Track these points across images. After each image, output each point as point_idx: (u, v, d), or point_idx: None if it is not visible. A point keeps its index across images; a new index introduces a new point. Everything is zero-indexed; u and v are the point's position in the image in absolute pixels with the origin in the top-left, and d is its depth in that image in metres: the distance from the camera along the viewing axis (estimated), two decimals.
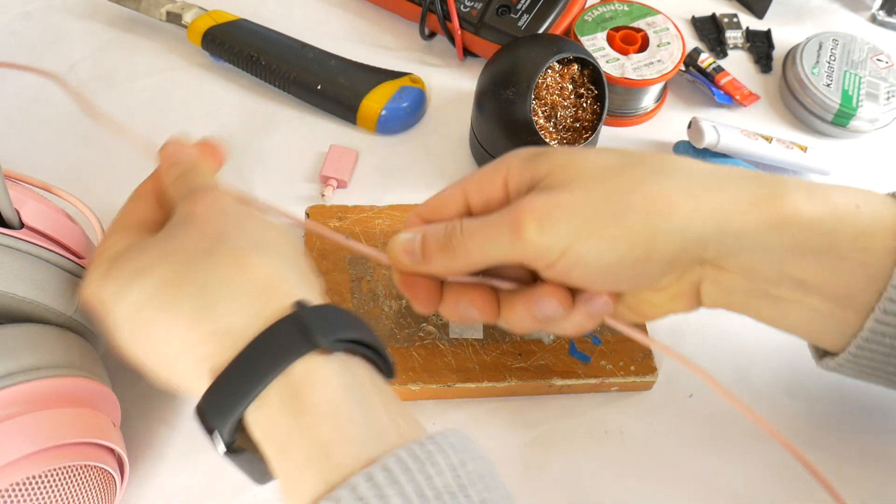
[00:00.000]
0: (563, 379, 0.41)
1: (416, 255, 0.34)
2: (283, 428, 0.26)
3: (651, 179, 0.32)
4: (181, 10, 0.56)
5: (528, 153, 0.34)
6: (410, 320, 0.43)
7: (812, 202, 0.32)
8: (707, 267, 0.33)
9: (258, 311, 0.28)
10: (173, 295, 0.28)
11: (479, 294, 0.35)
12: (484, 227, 0.33)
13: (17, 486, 0.29)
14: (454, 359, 0.41)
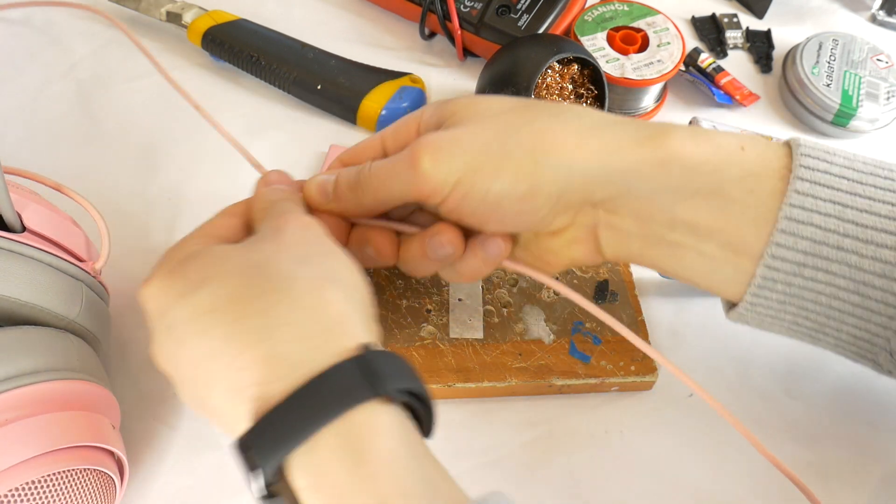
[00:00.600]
0: (563, 379, 0.41)
1: (327, 194, 0.35)
2: (340, 477, 0.25)
3: (541, 119, 0.33)
4: (181, 10, 0.56)
5: (439, 101, 0.36)
6: (411, 320, 0.43)
7: (695, 143, 0.32)
8: (599, 210, 0.33)
9: (321, 346, 0.27)
10: (241, 308, 0.27)
11: (381, 235, 0.36)
12: (387, 163, 0.34)
13: (17, 491, 0.29)
14: (454, 359, 0.41)
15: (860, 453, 0.41)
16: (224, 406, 0.27)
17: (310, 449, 0.25)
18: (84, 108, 0.54)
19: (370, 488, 0.24)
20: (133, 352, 0.43)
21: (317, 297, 0.28)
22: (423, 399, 0.28)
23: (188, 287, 0.28)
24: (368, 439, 0.25)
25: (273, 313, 0.27)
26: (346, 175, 0.35)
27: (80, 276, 0.35)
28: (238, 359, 0.26)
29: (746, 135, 0.33)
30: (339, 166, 0.37)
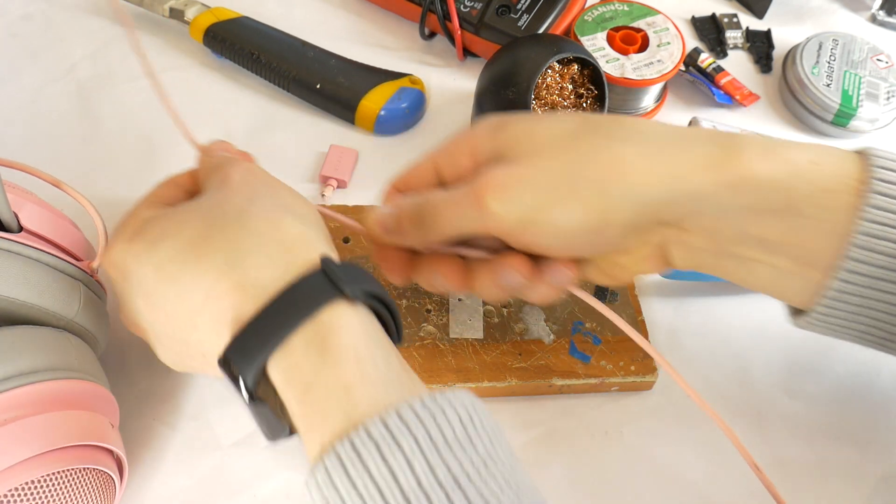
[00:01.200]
0: (563, 379, 0.41)
1: (390, 229, 0.36)
2: (307, 368, 0.27)
3: (605, 146, 0.32)
4: (184, 7, 0.56)
5: (493, 123, 0.35)
6: (411, 320, 0.43)
7: (767, 160, 0.31)
8: (669, 229, 0.33)
9: (287, 266, 0.29)
10: (202, 249, 0.29)
11: (449, 265, 0.36)
12: (450, 201, 0.34)
13: (17, 491, 0.29)
14: (454, 359, 0.41)
15: (860, 453, 0.41)
16: (208, 339, 0.29)
17: (285, 351, 0.28)
18: (84, 107, 0.54)
19: (333, 376, 0.27)
20: (131, 351, 0.43)
21: (273, 224, 0.30)
22: (387, 303, 0.31)
23: (148, 245, 0.30)
24: (332, 334, 0.28)
25: (235, 245, 0.29)
26: (407, 209, 0.35)
27: (78, 276, 0.35)
28: (212, 291, 0.29)
29: (819, 146, 0.33)
30: (393, 193, 0.38)
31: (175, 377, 0.42)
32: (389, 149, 0.52)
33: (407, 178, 0.37)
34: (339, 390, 0.27)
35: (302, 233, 0.31)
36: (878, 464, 0.40)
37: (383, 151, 0.52)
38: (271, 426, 0.30)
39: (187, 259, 0.30)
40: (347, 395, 0.27)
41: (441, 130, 0.54)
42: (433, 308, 0.43)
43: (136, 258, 0.31)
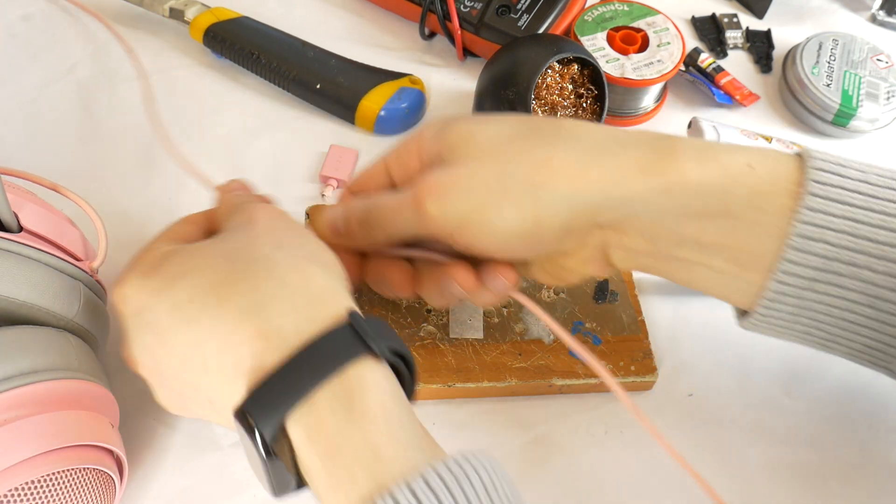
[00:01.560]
0: (563, 379, 0.41)
1: (339, 230, 0.36)
2: (333, 427, 0.26)
3: (539, 148, 0.33)
4: (184, 7, 0.56)
5: (438, 125, 0.35)
6: (411, 320, 0.43)
7: (702, 165, 0.31)
8: (607, 231, 0.33)
9: (312, 317, 0.28)
10: (225, 291, 0.28)
11: (397, 269, 0.36)
12: (392, 206, 0.34)
13: (17, 491, 0.29)
14: (454, 358, 0.41)
15: (860, 453, 0.41)
16: (220, 386, 0.28)
17: (307, 406, 0.26)
18: (84, 108, 0.54)
19: (362, 436, 0.26)
20: None
21: (299, 274, 0.29)
22: (407, 360, 0.30)
23: (165, 282, 0.29)
24: (360, 392, 0.27)
25: (260, 291, 0.28)
26: (355, 211, 0.36)
27: (78, 276, 0.35)
28: (231, 337, 0.28)
29: (756, 149, 0.33)
30: (347, 196, 0.38)
31: None
32: (389, 149, 0.52)
33: (360, 181, 0.38)
34: (367, 452, 0.26)
35: (328, 284, 0.30)
36: (878, 464, 0.40)
37: (383, 151, 0.52)
38: (281, 482, 0.28)
39: (207, 301, 0.28)
40: (376, 457, 0.26)
41: None
42: (433, 308, 0.43)
43: (151, 294, 0.29)
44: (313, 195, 0.50)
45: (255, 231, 0.31)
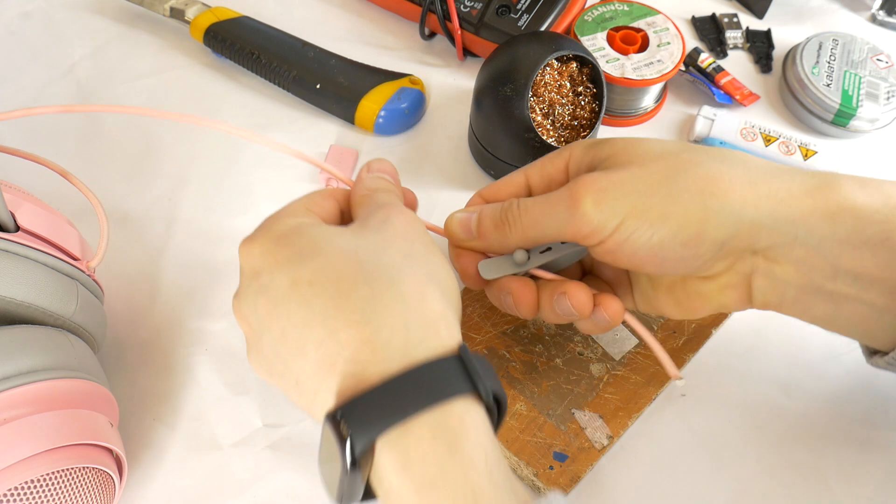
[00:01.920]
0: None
1: (471, 231, 0.36)
2: (433, 461, 0.26)
3: (707, 162, 0.32)
4: (184, 6, 0.56)
5: (590, 141, 0.36)
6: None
7: (865, 193, 0.31)
8: (759, 258, 0.33)
9: (422, 340, 0.28)
10: (345, 288, 0.28)
11: (523, 284, 0.36)
12: (541, 202, 0.34)
13: (17, 490, 0.29)
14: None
15: (860, 453, 0.41)
16: (310, 374, 0.28)
17: (403, 431, 0.26)
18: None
19: (463, 476, 0.26)
20: (131, 351, 0.43)
21: (420, 293, 0.29)
22: (501, 405, 0.29)
23: (293, 256, 0.29)
24: (463, 431, 0.27)
25: (378, 300, 0.28)
26: (490, 212, 0.35)
27: (75, 275, 0.35)
28: (337, 333, 0.28)
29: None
30: (479, 202, 0.38)
31: (175, 377, 0.42)
32: (389, 149, 0.52)
33: (495, 189, 0.38)
34: (468, 493, 0.26)
35: (444, 312, 0.29)
36: (878, 464, 0.40)
37: (383, 151, 0.52)
38: (351, 492, 0.28)
39: (327, 290, 0.28)
40: (475, 500, 0.26)
41: (440, 130, 0.54)
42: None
43: (277, 262, 0.29)
44: None
45: (388, 235, 0.31)
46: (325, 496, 0.39)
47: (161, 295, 0.45)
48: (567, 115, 0.47)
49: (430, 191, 0.50)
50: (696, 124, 0.53)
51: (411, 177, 0.51)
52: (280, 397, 0.41)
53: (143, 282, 0.45)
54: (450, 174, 0.51)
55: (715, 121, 0.53)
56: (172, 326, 0.44)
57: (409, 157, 0.52)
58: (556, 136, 0.47)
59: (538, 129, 0.46)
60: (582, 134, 0.48)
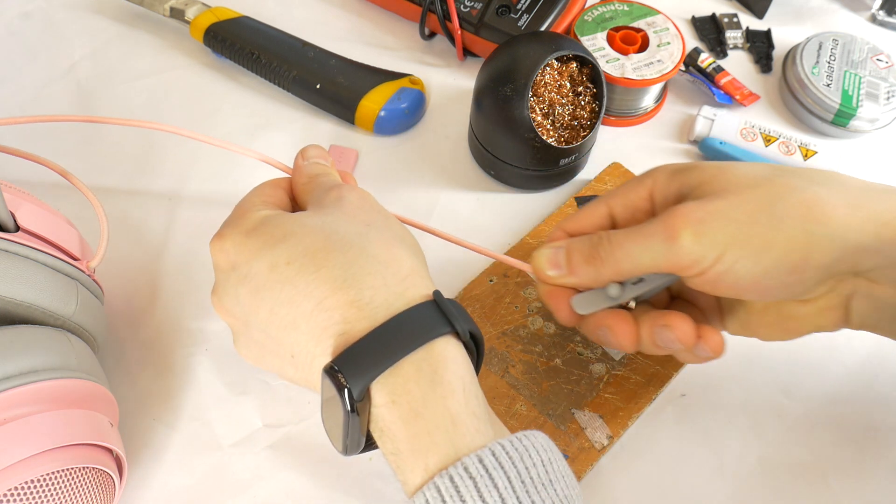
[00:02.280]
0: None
1: (560, 267, 0.36)
2: (417, 394, 0.29)
3: (806, 187, 0.32)
4: (184, 6, 0.56)
5: (674, 167, 0.35)
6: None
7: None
8: (861, 280, 0.32)
9: (401, 294, 0.31)
10: (322, 260, 0.31)
11: (620, 318, 0.35)
12: (634, 235, 0.33)
13: (17, 490, 0.29)
14: None
15: (860, 453, 0.41)
16: (306, 343, 0.31)
17: (393, 372, 0.29)
18: (84, 107, 0.54)
19: (443, 405, 0.29)
20: (131, 351, 0.43)
21: (390, 253, 0.32)
22: (478, 343, 0.32)
23: (266, 243, 0.32)
24: (443, 366, 0.29)
25: (354, 265, 0.31)
26: (579, 247, 0.35)
27: (75, 275, 0.35)
28: (324, 301, 0.30)
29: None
30: (562, 236, 0.37)
31: (175, 377, 0.42)
32: (388, 148, 0.52)
33: (576, 221, 0.37)
34: (447, 420, 0.28)
35: (415, 266, 0.32)
36: (878, 464, 0.40)
37: (382, 151, 0.52)
38: (354, 439, 0.30)
39: (304, 265, 0.31)
40: (454, 426, 0.28)
41: (440, 130, 0.54)
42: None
43: (252, 252, 0.32)
44: None
45: (346, 209, 0.33)
46: (324, 496, 0.39)
47: (161, 295, 0.45)
48: (567, 115, 0.47)
49: (430, 191, 0.50)
50: (696, 124, 0.53)
51: (411, 177, 0.51)
52: (280, 397, 0.41)
53: (143, 282, 0.45)
54: (450, 174, 0.51)
55: (715, 121, 0.53)
56: (172, 326, 0.44)
57: (409, 157, 0.52)
58: (556, 136, 0.47)
59: (538, 129, 0.46)
60: (582, 134, 0.48)
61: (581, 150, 0.48)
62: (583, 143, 0.47)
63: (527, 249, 0.46)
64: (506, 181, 0.50)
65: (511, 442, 0.28)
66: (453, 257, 0.47)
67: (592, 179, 0.51)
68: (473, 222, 0.49)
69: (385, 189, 0.50)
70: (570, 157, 0.48)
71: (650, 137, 0.54)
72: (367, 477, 0.39)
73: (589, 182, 0.50)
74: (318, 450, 0.40)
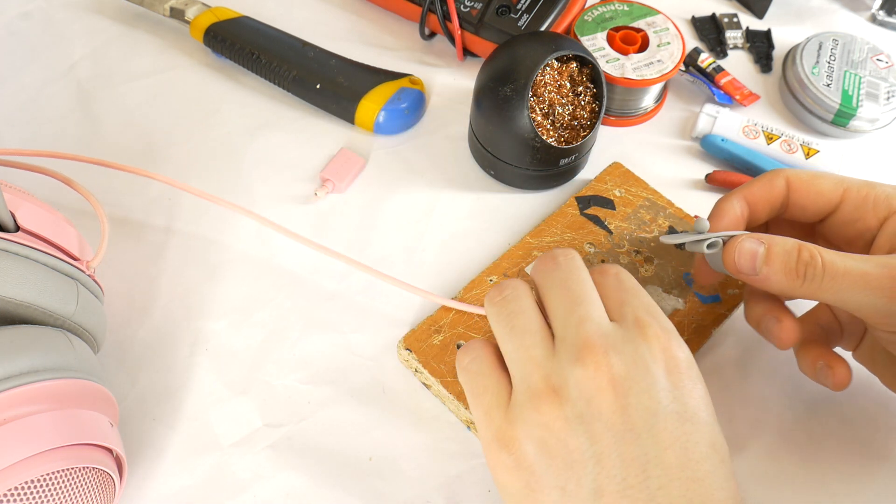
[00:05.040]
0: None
1: (755, 269, 0.33)
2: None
3: None
4: (184, 6, 0.56)
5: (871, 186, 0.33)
6: None
7: None
8: None
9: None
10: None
11: (789, 322, 0.36)
12: (854, 276, 0.30)
13: (16, 490, 0.29)
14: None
15: (860, 453, 0.41)
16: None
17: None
18: (84, 107, 0.54)
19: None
20: (131, 351, 0.43)
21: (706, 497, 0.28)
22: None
23: (578, 422, 0.28)
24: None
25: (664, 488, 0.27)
26: (784, 257, 0.32)
27: (75, 275, 0.35)
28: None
29: None
30: (741, 205, 0.35)
31: (175, 377, 0.42)
32: (389, 149, 0.52)
33: (764, 193, 0.35)
34: None
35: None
36: (878, 464, 0.40)
37: (383, 151, 0.52)
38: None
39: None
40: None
41: (440, 130, 0.54)
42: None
43: (560, 424, 0.28)
44: (308, 194, 0.50)
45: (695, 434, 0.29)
46: (324, 496, 0.39)
47: (161, 295, 0.45)
48: (567, 115, 0.47)
49: (430, 191, 0.50)
50: (699, 121, 0.53)
51: (411, 177, 0.51)
52: (280, 397, 0.41)
53: (143, 282, 0.45)
54: (450, 174, 0.51)
55: (717, 118, 0.53)
56: (172, 326, 0.44)
57: (409, 157, 0.52)
58: (556, 136, 0.47)
59: (538, 129, 0.46)
60: (582, 134, 0.48)
61: (581, 150, 0.48)
62: (583, 143, 0.47)
63: (527, 249, 0.46)
64: (506, 181, 0.50)
65: None
66: (453, 258, 0.47)
67: (593, 179, 0.51)
68: (473, 222, 0.49)
69: (385, 189, 0.50)
70: (570, 157, 0.48)
71: (650, 137, 0.54)
72: (367, 477, 0.39)
73: (589, 182, 0.50)
74: (318, 450, 0.40)
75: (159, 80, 0.56)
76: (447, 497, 0.39)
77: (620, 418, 0.27)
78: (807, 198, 0.35)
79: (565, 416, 0.28)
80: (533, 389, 0.29)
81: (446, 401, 0.41)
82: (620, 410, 0.27)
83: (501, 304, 0.32)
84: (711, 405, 0.28)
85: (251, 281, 0.46)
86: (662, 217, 0.48)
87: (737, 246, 0.33)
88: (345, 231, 0.48)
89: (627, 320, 0.29)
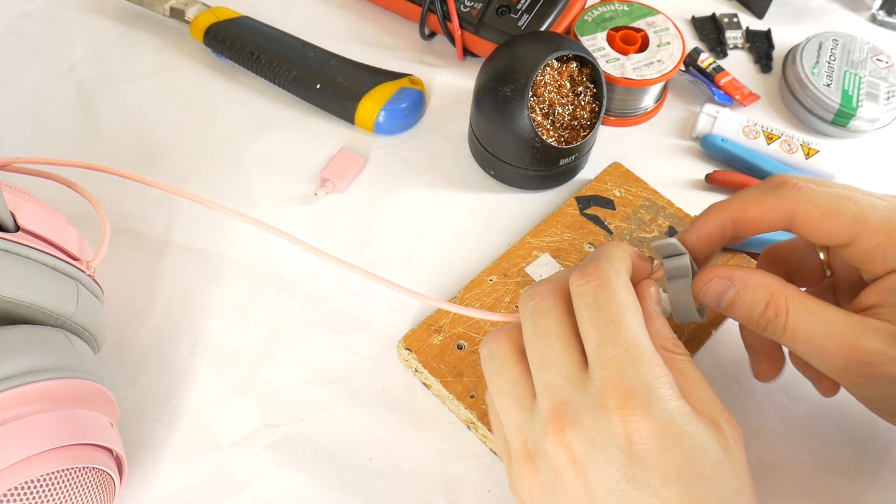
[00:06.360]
0: None
1: (720, 305, 0.33)
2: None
3: None
4: (184, 6, 0.56)
5: (825, 206, 0.31)
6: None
7: None
8: None
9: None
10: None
11: (772, 353, 0.38)
12: (812, 343, 0.30)
13: (16, 490, 0.29)
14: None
15: (860, 453, 0.41)
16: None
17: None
18: (84, 107, 0.54)
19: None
20: (131, 351, 0.43)
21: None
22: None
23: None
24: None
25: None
26: (751, 302, 0.32)
27: (75, 275, 0.35)
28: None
29: None
30: (725, 220, 0.33)
31: (175, 377, 0.42)
32: (389, 149, 0.52)
33: (749, 214, 0.33)
34: None
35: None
36: (878, 464, 0.40)
37: (383, 151, 0.52)
38: None
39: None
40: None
41: (440, 131, 0.54)
42: None
43: (602, 435, 0.28)
44: (307, 194, 0.50)
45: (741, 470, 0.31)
46: (324, 496, 0.39)
47: (161, 295, 0.45)
48: (567, 115, 0.47)
49: (429, 191, 0.50)
50: (699, 121, 0.53)
51: (411, 177, 0.51)
52: (280, 397, 0.41)
53: (143, 282, 0.45)
54: (450, 174, 0.51)
55: (717, 118, 0.53)
56: (172, 326, 0.44)
57: (409, 157, 0.52)
58: (556, 136, 0.47)
59: (538, 129, 0.46)
60: (582, 134, 0.48)
61: (581, 150, 0.48)
62: (583, 143, 0.47)
63: (527, 249, 0.46)
64: (506, 181, 0.50)
65: None
66: (453, 257, 0.47)
67: (593, 179, 0.51)
68: (473, 222, 0.49)
69: (385, 189, 0.50)
70: (570, 157, 0.48)
71: (650, 137, 0.54)
72: (367, 477, 0.39)
73: (589, 182, 0.50)
74: (319, 450, 0.40)
75: (159, 80, 0.56)
76: (447, 497, 0.39)
77: (584, 493, 0.28)
78: (813, 234, 0.33)
79: (541, 483, 0.29)
80: (515, 453, 0.31)
81: (446, 401, 0.41)
82: (584, 486, 0.28)
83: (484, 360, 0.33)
84: (689, 469, 0.28)
85: (251, 281, 0.46)
86: (662, 217, 0.48)
87: (706, 284, 0.33)
88: (345, 231, 0.48)
89: (595, 379, 0.29)
